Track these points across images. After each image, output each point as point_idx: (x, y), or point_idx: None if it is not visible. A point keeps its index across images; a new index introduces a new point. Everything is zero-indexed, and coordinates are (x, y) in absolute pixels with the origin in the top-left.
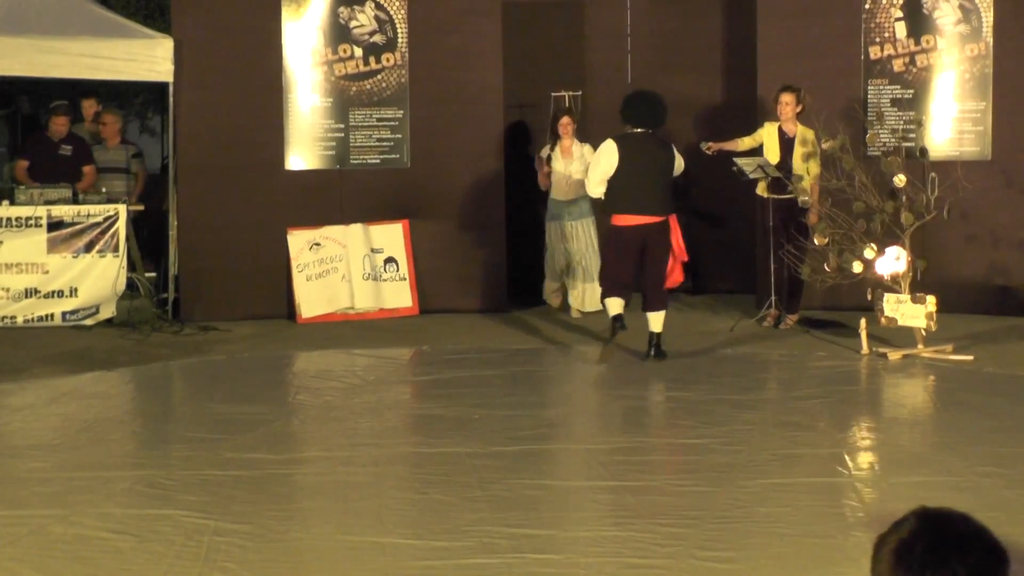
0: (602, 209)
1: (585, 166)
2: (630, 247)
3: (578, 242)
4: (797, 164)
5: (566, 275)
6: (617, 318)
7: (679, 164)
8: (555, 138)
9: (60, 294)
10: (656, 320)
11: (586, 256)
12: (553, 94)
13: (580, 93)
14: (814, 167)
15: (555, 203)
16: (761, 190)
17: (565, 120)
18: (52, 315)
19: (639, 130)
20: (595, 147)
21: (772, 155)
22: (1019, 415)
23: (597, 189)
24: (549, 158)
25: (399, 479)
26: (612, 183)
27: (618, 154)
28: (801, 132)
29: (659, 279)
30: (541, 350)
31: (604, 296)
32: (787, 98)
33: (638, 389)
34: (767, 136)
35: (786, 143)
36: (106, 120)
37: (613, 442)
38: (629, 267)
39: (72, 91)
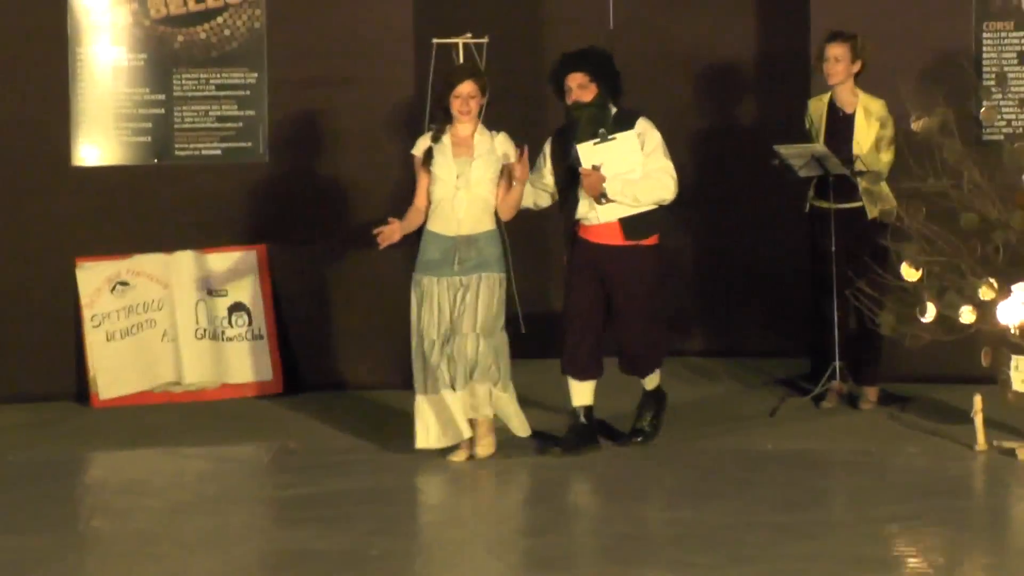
0: (657, 228)
1: (495, 170)
2: None
3: (477, 310)
4: (862, 152)
5: (448, 376)
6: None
7: None
8: (444, 120)
9: None
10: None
11: (488, 339)
12: (435, 40)
13: (486, 40)
14: (886, 156)
15: (434, 240)
16: (815, 197)
17: (466, 89)
18: None
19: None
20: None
21: (822, 142)
22: None
23: None
24: (428, 156)
25: None
26: None
27: None
28: (864, 103)
29: None
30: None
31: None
32: (837, 51)
33: (631, 506)
34: (815, 115)
35: (841, 122)
36: None
37: None
38: None
39: None
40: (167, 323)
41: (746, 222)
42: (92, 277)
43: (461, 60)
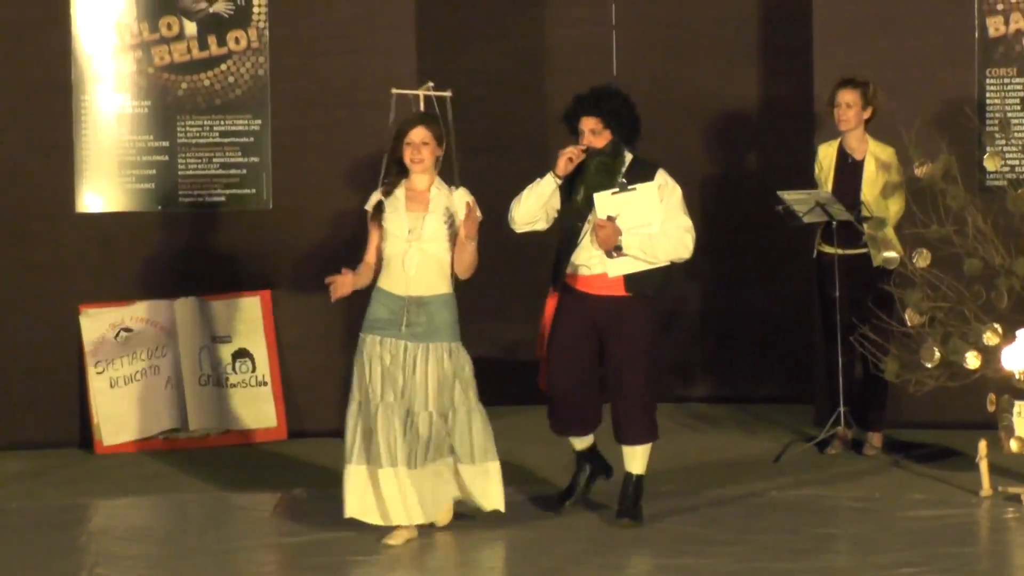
0: (659, 282)
1: (451, 226)
2: None
3: (428, 386)
4: (869, 199)
5: (394, 449)
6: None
7: None
8: (398, 174)
9: None
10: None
11: (444, 415)
12: (395, 91)
13: (449, 93)
14: (895, 204)
15: (383, 299)
16: (822, 243)
17: (417, 136)
18: None
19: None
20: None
21: (828, 188)
22: None
23: None
24: (379, 211)
25: None
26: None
27: None
28: (873, 151)
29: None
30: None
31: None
32: (848, 97)
33: (634, 553)
34: (824, 160)
35: (850, 169)
36: None
37: None
38: None
39: None
40: (171, 370)
41: (750, 269)
42: (96, 324)
43: (424, 111)
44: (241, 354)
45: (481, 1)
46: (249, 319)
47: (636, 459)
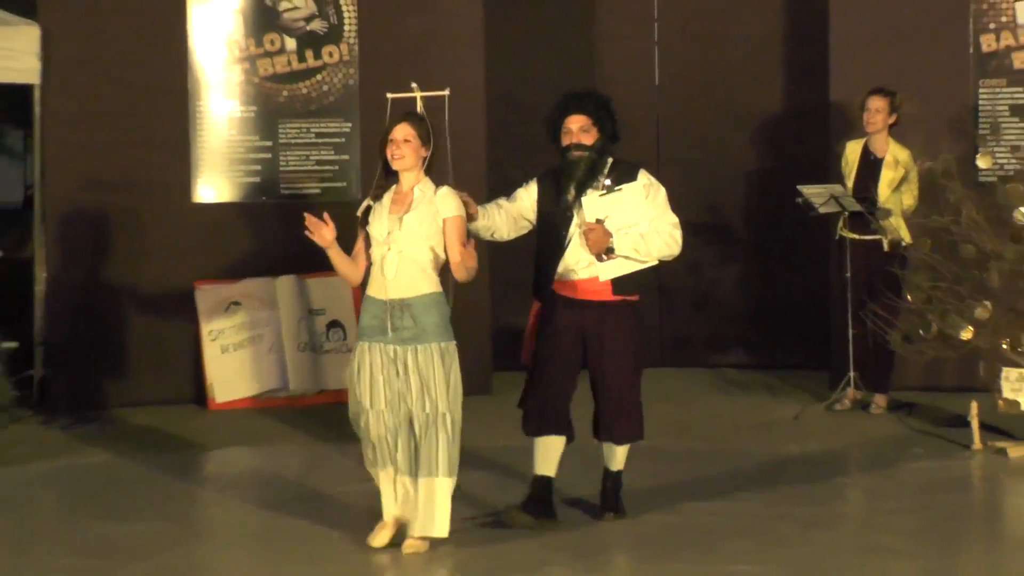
0: (644, 284)
1: (431, 227)
2: None
3: (411, 389)
4: (884, 193)
5: (393, 456)
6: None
7: None
8: (386, 177)
9: None
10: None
11: (434, 421)
12: (390, 95)
13: (447, 93)
14: (908, 198)
15: (369, 305)
16: (842, 227)
17: (399, 133)
18: None
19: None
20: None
21: (851, 181)
22: None
23: None
24: (366, 215)
25: None
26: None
27: None
28: (892, 151)
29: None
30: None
31: (635, 438)
32: (877, 103)
33: (669, 500)
34: (850, 156)
35: (870, 166)
36: None
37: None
38: None
39: None
40: (273, 338)
41: (776, 254)
42: (209, 298)
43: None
44: (334, 324)
45: (540, 18)
46: (340, 295)
47: (617, 457)
